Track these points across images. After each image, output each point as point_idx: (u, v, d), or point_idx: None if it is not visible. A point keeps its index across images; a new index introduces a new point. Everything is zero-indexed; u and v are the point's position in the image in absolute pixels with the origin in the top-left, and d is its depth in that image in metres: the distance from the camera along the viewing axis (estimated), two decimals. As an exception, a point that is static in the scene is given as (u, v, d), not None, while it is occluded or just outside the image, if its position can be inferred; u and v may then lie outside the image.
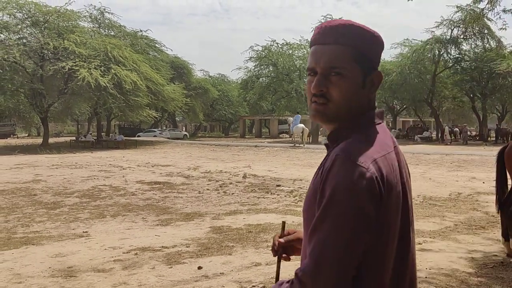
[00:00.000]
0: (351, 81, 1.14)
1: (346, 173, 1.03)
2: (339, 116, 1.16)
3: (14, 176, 13.58)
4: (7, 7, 28.00)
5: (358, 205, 1.02)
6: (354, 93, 1.15)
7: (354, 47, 1.13)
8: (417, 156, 19.83)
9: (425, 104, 41.26)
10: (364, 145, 1.09)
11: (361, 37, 1.14)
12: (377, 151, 1.10)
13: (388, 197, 1.06)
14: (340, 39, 1.14)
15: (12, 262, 4.99)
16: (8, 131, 47.51)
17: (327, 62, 1.13)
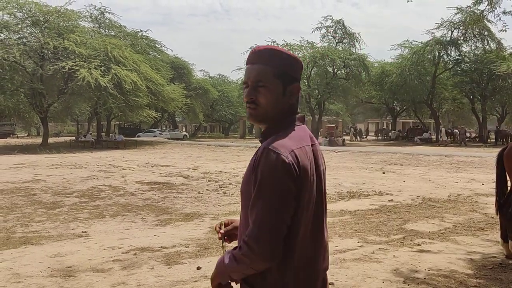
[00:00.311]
0: (273, 91, 1.51)
1: (271, 161, 1.39)
2: (266, 118, 1.54)
3: (13, 175, 13.58)
4: (7, 6, 28.00)
5: (281, 183, 1.38)
6: (276, 100, 1.52)
7: (275, 66, 1.52)
8: (416, 158, 19.84)
9: (425, 106, 41.29)
10: (285, 140, 1.46)
11: (281, 59, 1.53)
12: (295, 144, 1.46)
13: (304, 179, 1.43)
14: (265, 61, 1.53)
15: (11, 262, 4.99)
16: (7, 131, 47.53)
17: (255, 77, 1.52)
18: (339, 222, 7.07)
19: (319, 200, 1.53)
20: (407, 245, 5.62)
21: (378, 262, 4.88)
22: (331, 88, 36.24)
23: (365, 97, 44.02)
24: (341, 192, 10.40)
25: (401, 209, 8.15)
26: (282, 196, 1.39)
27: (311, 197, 1.48)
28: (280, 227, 1.39)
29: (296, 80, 1.57)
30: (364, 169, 15.60)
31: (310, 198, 1.48)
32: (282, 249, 1.40)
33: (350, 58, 35.27)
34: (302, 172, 1.43)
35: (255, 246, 1.38)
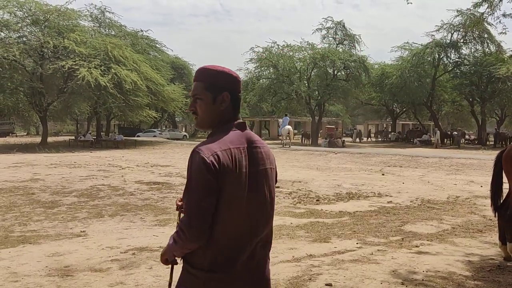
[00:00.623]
0: (205, 102, 1.85)
1: (196, 161, 1.73)
2: (205, 124, 1.91)
3: (12, 174, 13.56)
4: (7, 5, 27.99)
5: (202, 179, 1.70)
6: (208, 108, 1.86)
7: (204, 81, 1.86)
8: (415, 159, 19.84)
9: (425, 108, 41.30)
10: (211, 143, 1.78)
11: (207, 74, 1.87)
12: (219, 147, 1.76)
13: (226, 175, 1.72)
14: (198, 78, 1.89)
15: (9, 261, 4.98)
16: (7, 130, 47.51)
17: (193, 91, 1.88)
18: (338, 223, 7.07)
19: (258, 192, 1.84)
20: (406, 246, 5.62)
21: (376, 264, 4.88)
22: (331, 90, 36.23)
23: (365, 98, 44.04)
24: (340, 193, 10.40)
25: (400, 211, 8.15)
26: (204, 190, 1.70)
27: (239, 189, 1.76)
28: (203, 215, 1.70)
29: (225, 90, 1.85)
30: (363, 171, 15.60)
31: (237, 190, 1.76)
32: (208, 232, 1.72)
33: (350, 60, 35.25)
34: (224, 169, 1.72)
35: (186, 230, 1.71)
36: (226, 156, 1.73)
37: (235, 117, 1.89)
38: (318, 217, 7.54)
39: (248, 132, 1.88)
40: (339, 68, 36.49)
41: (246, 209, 1.79)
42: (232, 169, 1.73)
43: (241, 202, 1.77)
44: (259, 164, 1.85)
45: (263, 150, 1.90)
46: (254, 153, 1.84)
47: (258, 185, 1.84)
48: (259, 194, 1.84)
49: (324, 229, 6.58)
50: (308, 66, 37.01)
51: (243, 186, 1.77)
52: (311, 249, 5.47)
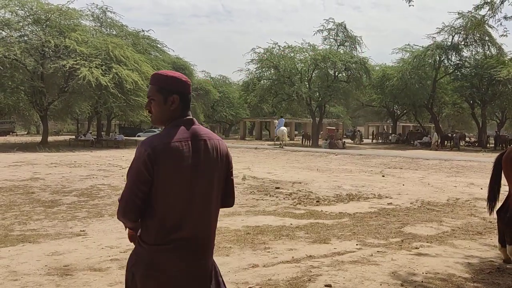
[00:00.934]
0: (157, 102, 2.10)
1: (136, 152, 2.02)
2: (158, 121, 2.15)
3: (12, 173, 13.57)
4: (9, 4, 27.99)
5: (137, 167, 1.99)
6: (160, 108, 2.11)
7: (157, 84, 2.11)
8: (416, 161, 19.84)
9: (425, 110, 41.29)
10: (154, 138, 2.04)
11: (159, 79, 2.12)
12: (159, 141, 2.01)
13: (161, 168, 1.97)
14: (152, 82, 2.14)
15: (9, 260, 4.98)
16: (7, 129, 47.50)
17: (148, 93, 2.16)
18: (338, 224, 7.06)
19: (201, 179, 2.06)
20: (405, 248, 5.62)
21: (376, 265, 4.88)
22: (332, 91, 36.23)
23: (366, 100, 44.04)
24: (340, 194, 10.40)
25: (400, 213, 8.15)
26: (135, 177, 1.99)
27: (178, 177, 2.00)
28: (130, 198, 1.99)
29: (174, 93, 2.09)
30: (363, 172, 15.60)
31: (176, 178, 2.00)
32: (136, 212, 2.01)
33: (351, 61, 35.25)
34: (161, 160, 1.97)
35: (118, 209, 2.05)
36: (166, 150, 1.99)
37: (185, 115, 2.12)
38: (318, 218, 7.54)
39: (195, 127, 2.11)
40: (340, 70, 36.50)
41: (187, 194, 2.02)
42: (170, 159, 1.99)
43: (182, 192, 2.02)
44: (203, 155, 2.07)
45: (210, 142, 2.11)
46: (199, 145, 2.07)
47: (200, 177, 2.05)
48: (201, 181, 2.05)
49: (324, 230, 6.58)
50: (309, 67, 37.00)
51: (184, 177, 2.01)
52: (310, 250, 5.47)
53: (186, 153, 2.01)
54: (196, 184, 2.04)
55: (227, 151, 2.20)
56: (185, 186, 2.01)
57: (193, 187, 2.03)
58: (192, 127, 2.09)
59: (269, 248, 5.51)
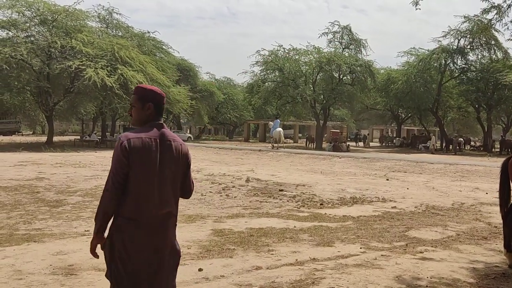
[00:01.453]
0: (137, 108, 2.70)
1: (116, 143, 2.54)
2: (136, 123, 2.72)
3: (17, 173, 13.63)
4: (16, 5, 28.19)
5: (117, 156, 2.52)
6: (138, 113, 2.70)
7: (137, 94, 2.72)
8: (420, 165, 19.78)
9: (430, 113, 41.17)
10: (131, 133, 2.60)
11: (140, 91, 2.73)
12: (134, 136, 2.57)
13: (135, 155, 2.52)
14: (135, 92, 2.75)
15: (14, 259, 5.00)
16: (13, 128, 47.74)
17: (131, 101, 2.76)
18: (341, 227, 7.05)
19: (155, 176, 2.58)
20: (410, 252, 5.60)
21: (380, 269, 4.86)
22: (336, 94, 36.21)
23: (370, 103, 43.98)
24: (344, 197, 10.38)
25: (404, 216, 8.13)
26: (116, 164, 2.53)
27: (147, 166, 2.56)
28: (111, 181, 2.52)
29: (150, 101, 2.70)
30: (367, 175, 15.56)
31: (146, 167, 2.55)
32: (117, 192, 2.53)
33: (356, 64, 35.24)
34: (134, 150, 2.53)
35: (103, 192, 2.57)
36: (137, 142, 2.55)
37: (157, 120, 2.71)
38: (322, 221, 7.52)
39: (164, 130, 2.68)
40: (345, 73, 36.48)
41: (154, 182, 2.58)
42: (140, 151, 2.54)
43: (149, 176, 2.57)
44: (167, 152, 2.63)
45: (173, 144, 2.67)
46: (164, 145, 2.63)
47: (163, 167, 2.61)
48: (164, 171, 2.62)
49: (327, 233, 6.57)
50: (313, 70, 37.01)
51: (152, 164, 2.57)
52: (314, 252, 5.46)
53: (153, 147, 2.59)
54: (160, 172, 2.60)
55: (187, 152, 2.77)
56: (152, 173, 2.57)
57: (157, 175, 2.60)
58: (162, 130, 2.68)
59: (273, 251, 5.51)
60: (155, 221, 2.60)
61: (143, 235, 2.56)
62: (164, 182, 2.62)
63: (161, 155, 2.60)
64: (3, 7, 27.87)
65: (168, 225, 2.68)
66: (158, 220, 2.62)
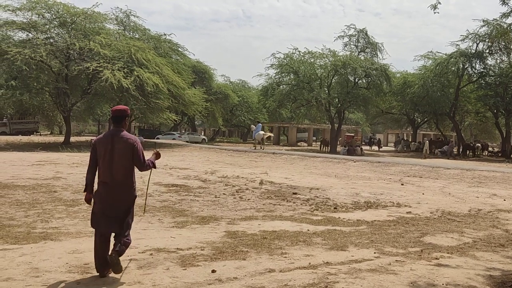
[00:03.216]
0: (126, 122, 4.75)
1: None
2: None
3: (35, 172, 13.86)
4: (36, 7, 28.70)
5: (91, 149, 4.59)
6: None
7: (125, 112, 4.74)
8: (436, 170, 19.52)
9: (447, 118, 40.67)
10: (99, 135, 4.93)
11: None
12: (98, 137, 4.68)
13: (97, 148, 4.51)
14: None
15: (31, 256, 5.09)
16: (31, 128, 48.52)
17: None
18: (355, 231, 7.01)
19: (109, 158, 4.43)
20: (425, 258, 5.54)
21: (394, 274, 4.82)
22: (351, 97, 36.02)
23: (385, 107, 43.61)
24: (358, 201, 10.32)
25: (419, 222, 8.04)
26: (91, 154, 4.53)
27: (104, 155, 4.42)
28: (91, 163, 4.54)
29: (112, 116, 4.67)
30: (382, 180, 15.44)
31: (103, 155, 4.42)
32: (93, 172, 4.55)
33: (372, 68, 35.02)
34: (96, 145, 4.50)
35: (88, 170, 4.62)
36: (99, 140, 4.54)
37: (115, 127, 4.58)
38: (336, 225, 7.49)
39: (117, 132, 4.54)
40: (360, 76, 36.28)
41: (107, 161, 4.43)
42: (99, 145, 4.48)
43: (105, 158, 4.43)
44: (115, 145, 4.45)
45: (121, 139, 4.50)
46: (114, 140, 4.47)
47: (113, 153, 4.45)
48: (113, 156, 4.44)
49: (341, 237, 6.54)
50: (329, 73, 36.88)
51: (105, 152, 4.43)
52: (327, 256, 5.44)
53: (108, 143, 4.47)
54: (110, 157, 4.44)
55: (132, 145, 4.50)
56: (107, 158, 4.44)
57: (109, 159, 4.44)
58: (116, 133, 4.54)
59: (286, 254, 5.50)
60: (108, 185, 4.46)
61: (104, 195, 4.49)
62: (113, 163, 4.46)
63: (111, 146, 4.47)
64: (24, 9, 28.40)
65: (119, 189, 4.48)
66: (111, 185, 4.46)
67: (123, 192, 4.47)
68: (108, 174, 4.40)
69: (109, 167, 4.39)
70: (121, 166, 4.40)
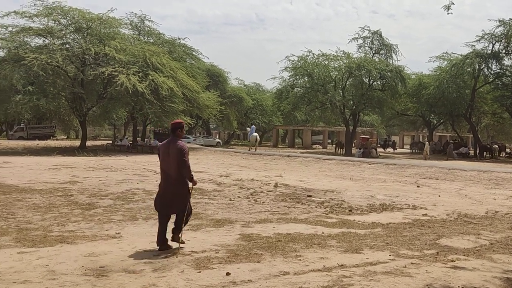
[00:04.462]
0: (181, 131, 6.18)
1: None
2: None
3: (52, 176, 14.07)
4: (52, 13, 29.17)
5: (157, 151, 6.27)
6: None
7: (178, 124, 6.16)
8: (453, 172, 19.26)
9: (463, 119, 40.12)
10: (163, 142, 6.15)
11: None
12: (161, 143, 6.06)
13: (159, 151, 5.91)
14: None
15: (47, 259, 5.16)
16: (48, 133, 49.26)
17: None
18: (370, 234, 6.95)
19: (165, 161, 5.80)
20: (441, 260, 5.47)
21: (410, 277, 4.77)
22: (366, 99, 35.79)
23: (401, 109, 43.20)
24: (373, 204, 10.24)
25: (435, 224, 7.95)
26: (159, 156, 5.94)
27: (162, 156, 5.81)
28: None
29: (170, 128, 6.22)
30: (397, 182, 15.29)
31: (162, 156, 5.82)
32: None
33: (386, 69, 34.75)
34: (159, 149, 5.91)
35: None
36: (161, 145, 5.93)
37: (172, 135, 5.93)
38: (350, 228, 7.44)
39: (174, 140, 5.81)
40: (375, 78, 36.03)
41: (166, 161, 5.76)
42: (161, 149, 5.83)
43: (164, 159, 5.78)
44: (169, 149, 5.71)
45: (173, 145, 5.71)
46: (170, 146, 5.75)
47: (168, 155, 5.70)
48: (169, 157, 5.71)
49: (356, 240, 6.49)
50: (343, 75, 36.71)
51: (164, 154, 5.75)
52: (342, 259, 5.41)
53: (166, 147, 5.74)
54: (167, 158, 5.72)
55: (180, 149, 5.67)
56: (165, 158, 5.72)
57: (167, 159, 5.71)
58: (172, 140, 5.80)
59: (300, 256, 5.49)
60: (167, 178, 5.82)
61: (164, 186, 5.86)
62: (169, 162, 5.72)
63: (167, 150, 5.73)
64: (40, 16, 28.91)
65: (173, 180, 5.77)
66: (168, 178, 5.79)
67: (176, 184, 5.69)
68: (166, 170, 5.71)
69: (166, 165, 5.70)
70: (174, 165, 5.64)
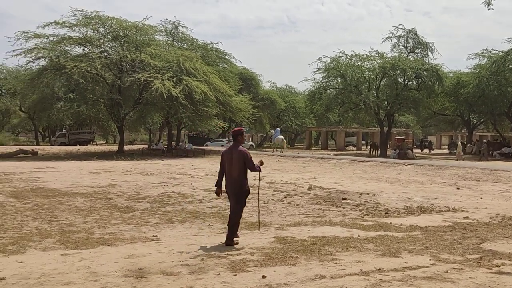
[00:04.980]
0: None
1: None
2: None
3: (92, 180, 14.50)
4: (91, 22, 30.17)
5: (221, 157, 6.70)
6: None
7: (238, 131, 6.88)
8: (495, 173, 18.55)
9: (506, 118, 38.64)
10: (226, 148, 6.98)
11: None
12: (225, 149, 6.84)
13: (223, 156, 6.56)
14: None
15: (90, 261, 5.32)
16: (88, 138, 50.86)
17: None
18: (408, 237, 6.79)
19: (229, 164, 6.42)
20: (485, 266, 5.27)
21: (452, 282, 4.62)
22: (401, 99, 35.05)
23: (438, 108, 42.05)
24: (410, 206, 10.00)
25: (477, 227, 7.68)
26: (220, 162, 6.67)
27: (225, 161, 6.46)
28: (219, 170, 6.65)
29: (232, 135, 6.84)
30: (436, 184, 14.88)
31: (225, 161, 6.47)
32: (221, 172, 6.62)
33: (422, 69, 33.92)
34: (223, 155, 6.54)
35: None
36: (225, 151, 6.57)
37: (234, 142, 6.54)
38: (387, 231, 7.30)
39: (236, 146, 6.45)
40: (410, 77, 35.25)
41: (229, 165, 6.40)
42: (225, 154, 6.49)
43: (228, 164, 6.42)
44: (233, 155, 6.38)
45: (236, 150, 6.38)
46: (233, 151, 6.40)
47: (231, 160, 6.36)
48: (232, 162, 6.36)
49: (393, 243, 6.36)
50: (377, 76, 36.13)
51: (228, 159, 6.41)
52: (380, 263, 5.31)
53: (229, 153, 6.43)
54: (230, 162, 6.37)
55: (244, 154, 6.30)
56: (228, 163, 6.39)
57: (230, 163, 6.37)
58: (234, 146, 6.46)
59: (336, 260, 5.42)
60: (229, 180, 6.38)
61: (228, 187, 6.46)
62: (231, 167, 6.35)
63: (230, 156, 6.36)
64: (79, 25, 29.94)
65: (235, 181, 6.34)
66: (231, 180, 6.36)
67: (237, 185, 6.34)
68: (229, 173, 6.36)
69: (230, 169, 6.34)
70: (237, 168, 6.29)
